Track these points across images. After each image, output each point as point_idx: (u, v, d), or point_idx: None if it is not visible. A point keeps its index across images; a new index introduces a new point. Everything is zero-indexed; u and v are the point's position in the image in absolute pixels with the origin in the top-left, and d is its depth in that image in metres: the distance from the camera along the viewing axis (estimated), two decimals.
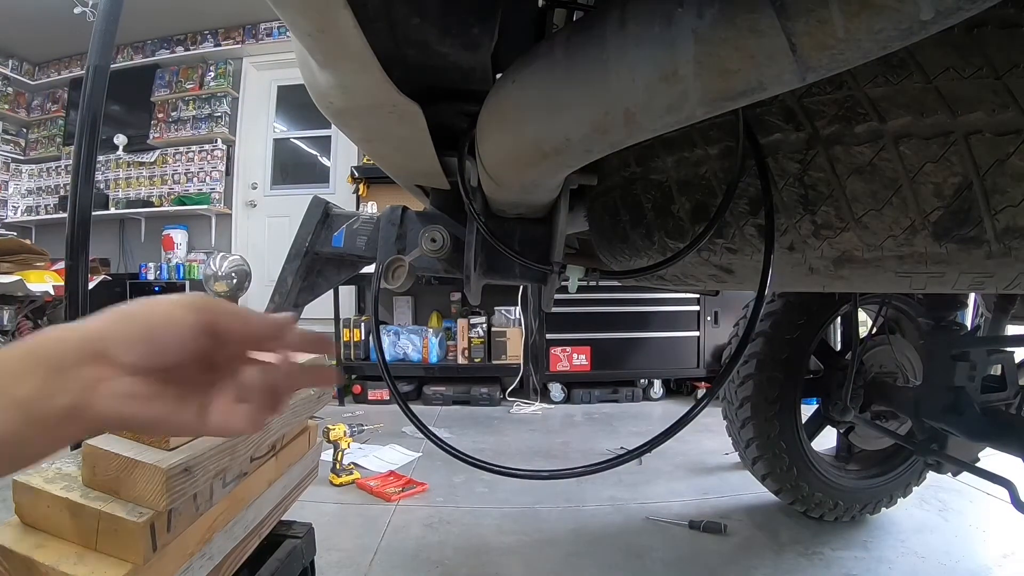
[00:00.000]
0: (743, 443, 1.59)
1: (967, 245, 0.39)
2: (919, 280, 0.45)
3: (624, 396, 3.19)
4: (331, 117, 0.41)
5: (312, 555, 0.88)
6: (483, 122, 0.40)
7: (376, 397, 3.15)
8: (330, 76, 0.35)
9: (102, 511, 0.46)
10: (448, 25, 0.31)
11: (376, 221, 1.03)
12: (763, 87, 0.23)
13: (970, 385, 1.19)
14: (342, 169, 4.16)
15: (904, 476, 1.65)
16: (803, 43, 0.21)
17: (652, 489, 1.87)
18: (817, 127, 0.43)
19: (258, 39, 4.29)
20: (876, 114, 0.40)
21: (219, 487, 0.57)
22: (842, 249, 0.46)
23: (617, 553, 1.45)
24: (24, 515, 0.48)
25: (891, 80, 0.38)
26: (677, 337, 3.19)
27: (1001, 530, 1.56)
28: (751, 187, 0.49)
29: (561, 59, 0.31)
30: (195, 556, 0.53)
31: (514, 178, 0.40)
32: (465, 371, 3.27)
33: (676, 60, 0.24)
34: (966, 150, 0.37)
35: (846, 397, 1.46)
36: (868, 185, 0.42)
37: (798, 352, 1.53)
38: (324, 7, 0.27)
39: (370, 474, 1.96)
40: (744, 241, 0.52)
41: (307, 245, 1.06)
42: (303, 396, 0.76)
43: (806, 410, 1.62)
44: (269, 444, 0.70)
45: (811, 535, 1.56)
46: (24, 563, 0.45)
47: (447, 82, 0.38)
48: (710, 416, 2.61)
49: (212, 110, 4.33)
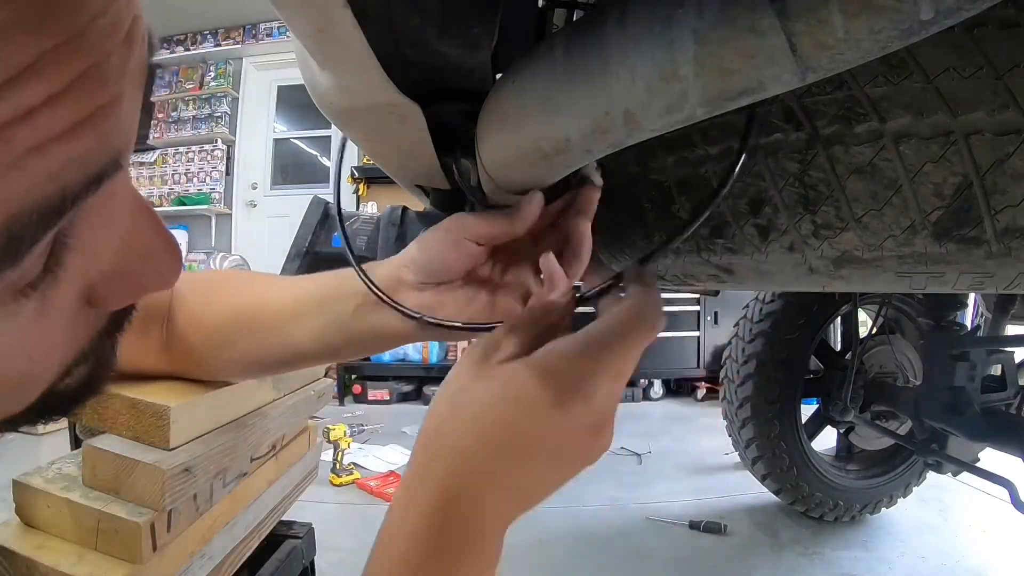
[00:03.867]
0: (743, 443, 1.59)
1: (967, 245, 0.39)
2: (919, 280, 0.45)
3: (624, 396, 3.18)
4: (331, 117, 0.41)
5: (312, 555, 0.88)
6: (483, 122, 0.40)
7: (376, 397, 3.15)
8: (330, 76, 0.35)
9: (102, 511, 0.46)
10: (448, 25, 0.31)
11: (376, 221, 1.03)
12: (763, 87, 0.23)
13: (970, 385, 1.19)
14: (342, 169, 4.16)
15: (904, 476, 1.65)
16: (803, 43, 0.21)
17: (652, 489, 1.87)
18: (817, 127, 0.43)
19: (258, 39, 4.29)
20: (876, 114, 0.40)
21: (219, 487, 0.57)
22: (842, 249, 0.46)
23: (617, 553, 1.45)
24: (24, 515, 0.48)
25: (891, 80, 0.38)
26: (677, 337, 3.18)
27: (1001, 530, 1.56)
28: (751, 187, 0.50)
29: (561, 59, 0.31)
30: (195, 556, 0.53)
31: (514, 178, 0.40)
32: None
33: (676, 60, 0.24)
34: (966, 150, 0.37)
35: (846, 397, 1.46)
36: (868, 185, 0.42)
37: (798, 352, 1.53)
38: (324, 7, 0.27)
39: (370, 474, 1.96)
40: (744, 241, 0.52)
41: (307, 245, 1.06)
42: (303, 396, 0.76)
43: (806, 410, 1.62)
44: (269, 444, 0.70)
45: (811, 535, 1.56)
46: (24, 563, 0.45)
47: (447, 82, 0.38)
48: (710, 416, 2.62)
49: (212, 110, 4.33)
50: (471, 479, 0.28)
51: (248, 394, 0.62)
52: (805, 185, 0.45)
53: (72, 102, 0.15)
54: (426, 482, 0.28)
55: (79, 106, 0.15)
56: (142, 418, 0.48)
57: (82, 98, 0.15)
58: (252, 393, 0.63)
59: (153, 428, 0.48)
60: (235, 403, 0.59)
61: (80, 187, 0.16)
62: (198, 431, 0.52)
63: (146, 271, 0.20)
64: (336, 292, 0.42)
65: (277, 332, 0.43)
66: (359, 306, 0.41)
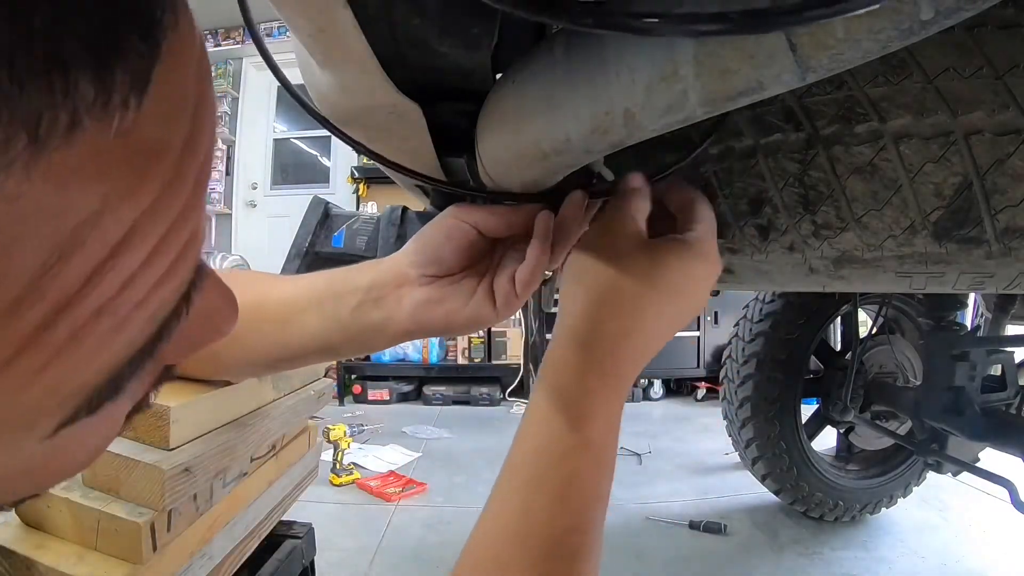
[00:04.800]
0: (743, 443, 1.59)
1: (967, 245, 0.39)
2: (919, 280, 0.45)
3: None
4: (331, 117, 0.41)
5: (312, 555, 0.88)
6: (483, 122, 0.40)
7: (376, 397, 3.15)
8: (330, 76, 0.35)
9: (102, 511, 0.46)
10: (448, 25, 0.31)
11: (376, 221, 1.03)
12: (763, 87, 0.23)
13: (970, 385, 1.19)
14: (342, 169, 4.16)
15: (904, 476, 1.65)
16: (803, 43, 0.21)
17: (652, 489, 1.87)
18: (817, 127, 0.43)
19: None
20: (876, 114, 0.40)
21: (219, 487, 0.57)
22: (842, 249, 0.46)
23: (617, 553, 1.45)
24: (24, 515, 0.48)
25: (891, 80, 0.38)
26: (677, 337, 3.18)
27: (1001, 530, 1.56)
28: (751, 187, 0.50)
29: (561, 59, 0.31)
30: (195, 556, 0.53)
31: (514, 178, 0.40)
32: (465, 371, 3.26)
33: (676, 60, 0.24)
34: (966, 150, 0.37)
35: (846, 397, 1.46)
36: (868, 185, 0.42)
37: (798, 352, 1.53)
38: (324, 7, 0.27)
39: (370, 474, 1.96)
40: (744, 241, 0.52)
41: (307, 245, 1.06)
42: (303, 396, 0.76)
43: (806, 410, 1.62)
44: (269, 444, 0.70)
45: (811, 535, 1.56)
46: (24, 563, 0.45)
47: (447, 82, 0.38)
48: (710, 416, 2.62)
49: None
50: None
51: (248, 394, 0.62)
52: (805, 185, 0.45)
53: (168, 247, 0.14)
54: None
55: (175, 246, 0.14)
56: (142, 418, 0.48)
57: (179, 235, 0.14)
58: (252, 393, 0.63)
59: (153, 428, 0.48)
60: (235, 403, 0.59)
61: (174, 313, 0.16)
62: (198, 431, 0.52)
63: (209, 326, 0.20)
64: (336, 290, 0.42)
65: (277, 330, 0.43)
66: (359, 303, 0.41)
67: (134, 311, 0.14)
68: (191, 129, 0.14)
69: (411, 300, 0.40)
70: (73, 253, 0.12)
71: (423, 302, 0.40)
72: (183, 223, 0.14)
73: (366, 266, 0.42)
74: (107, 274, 0.13)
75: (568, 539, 0.31)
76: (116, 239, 0.13)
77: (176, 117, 0.14)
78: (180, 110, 0.14)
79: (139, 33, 0.12)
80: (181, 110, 0.14)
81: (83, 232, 0.12)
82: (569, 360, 0.34)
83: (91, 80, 0.11)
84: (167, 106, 0.13)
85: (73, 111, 0.11)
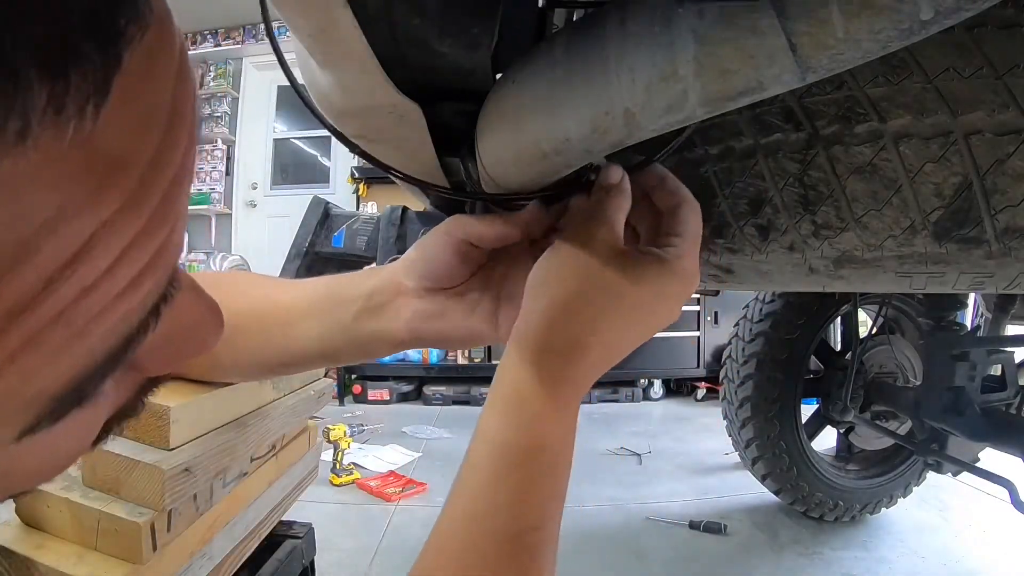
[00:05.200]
0: (743, 443, 1.59)
1: (967, 245, 0.39)
2: (919, 280, 0.45)
3: (624, 396, 3.19)
4: (331, 117, 0.41)
5: (312, 555, 0.88)
6: (483, 122, 0.40)
7: (376, 397, 3.15)
8: (330, 76, 0.35)
9: (102, 511, 0.46)
10: (448, 25, 0.31)
11: (376, 221, 1.03)
12: (763, 87, 0.23)
13: (970, 385, 1.19)
14: (342, 169, 4.16)
15: (904, 476, 1.65)
16: (803, 43, 0.21)
17: (652, 489, 1.87)
18: (817, 127, 0.43)
19: (258, 39, 4.28)
20: (876, 114, 0.40)
21: (219, 487, 0.57)
22: (842, 249, 0.46)
23: (617, 553, 1.45)
24: (24, 515, 0.48)
25: (891, 80, 0.38)
26: (677, 337, 3.18)
27: (1001, 530, 1.56)
28: (751, 187, 0.50)
29: (561, 59, 0.31)
30: (195, 556, 0.53)
31: (514, 178, 0.40)
32: (465, 371, 3.26)
33: (676, 60, 0.24)
34: (966, 150, 0.37)
35: (846, 397, 1.46)
36: (868, 185, 0.42)
37: (798, 352, 1.53)
38: (324, 7, 0.27)
39: (370, 474, 1.96)
40: (744, 241, 0.52)
41: (307, 245, 1.06)
42: (303, 396, 0.76)
43: (806, 410, 1.62)
44: (269, 444, 0.70)
45: (811, 535, 1.56)
46: (24, 563, 0.45)
47: (447, 82, 0.38)
48: (710, 416, 2.62)
49: (212, 110, 4.32)
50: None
51: (248, 394, 0.62)
52: (805, 185, 0.45)
53: (132, 257, 0.14)
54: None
55: (140, 257, 0.14)
56: (142, 418, 0.48)
57: (143, 248, 0.14)
58: (252, 393, 0.63)
59: (153, 428, 0.48)
60: (235, 403, 0.59)
61: (141, 325, 0.16)
62: (198, 431, 0.52)
63: (191, 339, 0.20)
64: (338, 297, 0.42)
65: (278, 335, 0.43)
66: (360, 311, 0.41)
67: (94, 320, 0.14)
68: (162, 142, 0.14)
69: (410, 310, 0.40)
70: (27, 260, 0.12)
71: (421, 313, 0.40)
72: (149, 235, 0.14)
73: (368, 273, 0.42)
74: (64, 282, 0.12)
75: (527, 537, 0.32)
76: (74, 248, 0.12)
77: (143, 128, 0.13)
78: (148, 121, 0.13)
79: (96, 40, 0.12)
80: (149, 121, 0.13)
81: (38, 240, 0.12)
82: (527, 362, 0.33)
83: (42, 87, 0.11)
84: (132, 117, 0.13)
85: (23, 117, 0.11)
